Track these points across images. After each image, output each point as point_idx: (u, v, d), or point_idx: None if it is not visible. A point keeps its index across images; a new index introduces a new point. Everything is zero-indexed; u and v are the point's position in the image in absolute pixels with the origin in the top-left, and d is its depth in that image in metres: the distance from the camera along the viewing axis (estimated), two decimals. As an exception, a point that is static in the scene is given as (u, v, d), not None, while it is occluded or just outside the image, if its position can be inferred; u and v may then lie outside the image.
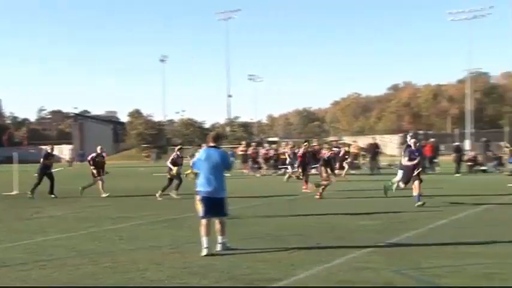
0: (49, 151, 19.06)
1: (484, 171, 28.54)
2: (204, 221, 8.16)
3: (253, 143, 37.68)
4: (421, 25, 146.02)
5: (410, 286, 6.34)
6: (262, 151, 33.49)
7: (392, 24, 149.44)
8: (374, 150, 31.07)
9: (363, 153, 33.91)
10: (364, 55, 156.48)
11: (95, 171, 18.35)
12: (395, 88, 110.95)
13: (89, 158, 18.83)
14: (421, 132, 52.71)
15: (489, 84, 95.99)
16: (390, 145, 56.80)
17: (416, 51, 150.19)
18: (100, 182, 18.24)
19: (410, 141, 14.85)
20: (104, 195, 17.67)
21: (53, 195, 17.84)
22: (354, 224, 10.89)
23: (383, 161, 34.39)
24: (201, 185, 8.25)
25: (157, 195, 16.81)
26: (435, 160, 30.51)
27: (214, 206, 8.17)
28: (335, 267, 7.15)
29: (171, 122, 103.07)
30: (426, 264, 7.17)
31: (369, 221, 11.24)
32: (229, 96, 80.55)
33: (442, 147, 30.85)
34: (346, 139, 52.89)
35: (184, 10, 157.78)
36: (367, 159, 32.27)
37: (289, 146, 32.16)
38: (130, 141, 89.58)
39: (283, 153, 30.33)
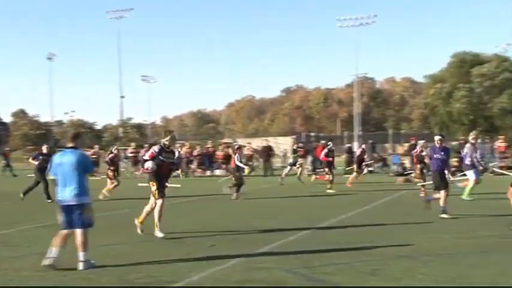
0: (44, 151, 17.74)
1: (370, 171, 29.93)
2: (63, 232, 7.33)
3: (146, 145, 36.96)
4: (312, 30, 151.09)
5: (301, 285, 6.49)
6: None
7: (286, 29, 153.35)
8: (267, 153, 31.62)
9: (256, 155, 34.41)
10: (258, 58, 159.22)
11: None
12: (288, 91, 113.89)
13: None
14: (312, 134, 54.31)
15: (374, 88, 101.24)
16: (283, 147, 58.12)
17: (309, 56, 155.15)
18: None
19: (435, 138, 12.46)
20: None
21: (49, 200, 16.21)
22: (249, 225, 10.98)
23: (276, 163, 35.15)
24: (59, 192, 7.38)
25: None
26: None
27: (74, 214, 7.27)
28: (229, 268, 7.16)
29: (59, 122, 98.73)
30: (317, 263, 7.36)
31: (263, 222, 11.38)
32: (122, 97, 78.50)
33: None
34: (241, 141, 53.42)
35: (75, 8, 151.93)
36: (261, 160, 32.79)
37: (185, 148, 31.97)
38: (14, 143, 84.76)
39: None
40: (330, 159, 19.20)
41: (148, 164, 9.68)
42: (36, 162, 17.15)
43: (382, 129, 75.78)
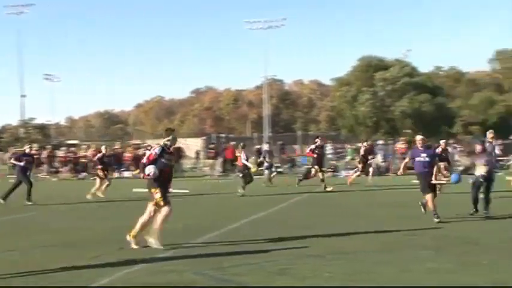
0: (27, 151, 17.28)
1: (280, 172, 30.42)
2: None
3: (49, 146, 35.52)
4: (222, 32, 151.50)
5: (210, 286, 6.47)
6: (59, 154, 31.87)
7: (195, 29, 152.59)
8: (178, 154, 31.32)
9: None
10: (167, 58, 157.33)
11: None
12: (197, 92, 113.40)
13: None
14: (223, 135, 54.43)
15: (283, 90, 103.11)
16: (193, 148, 57.83)
17: (218, 57, 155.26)
18: None
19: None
20: None
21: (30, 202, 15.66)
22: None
23: (187, 164, 34.92)
24: None
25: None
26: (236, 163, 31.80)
27: None
28: (137, 271, 7.02)
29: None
30: (227, 264, 7.36)
31: (172, 224, 11.24)
32: (23, 96, 74.93)
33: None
34: (150, 142, 52.54)
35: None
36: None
37: (91, 149, 31.03)
38: None
39: (84, 156, 29.12)
40: (315, 155, 19.33)
41: (150, 169, 8.50)
42: (22, 163, 16.43)
43: (291, 130, 77.24)
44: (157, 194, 8.61)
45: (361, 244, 8.69)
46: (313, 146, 19.73)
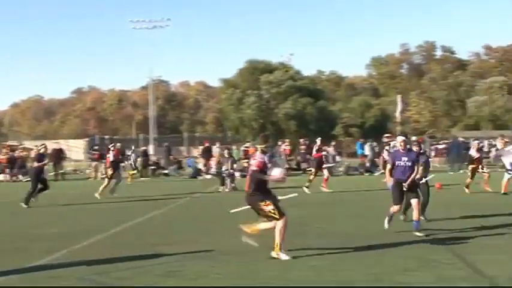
0: (42, 151, 16.36)
1: (166, 174, 30.07)
2: None
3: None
4: (105, 30, 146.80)
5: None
6: None
7: (77, 27, 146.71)
8: (58, 156, 29.94)
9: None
10: (46, 57, 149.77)
11: None
12: (79, 92, 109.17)
13: None
14: (106, 137, 52.87)
15: (169, 91, 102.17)
16: (75, 150, 55.62)
17: (101, 56, 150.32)
18: None
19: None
20: None
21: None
22: (36, 233, 10.25)
23: (68, 167, 33.45)
24: None
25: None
26: (122, 164, 31.17)
27: None
28: (15, 280, 6.60)
29: None
30: (112, 268, 7.14)
31: (54, 229, 10.72)
32: None
33: (127, 151, 31.51)
34: (28, 143, 49.76)
35: None
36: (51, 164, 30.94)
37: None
38: None
39: None
40: (322, 155, 18.77)
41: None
42: (43, 163, 16.06)
43: (178, 132, 76.76)
44: (269, 207, 7.64)
45: (250, 244, 8.77)
46: (316, 147, 19.20)
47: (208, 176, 27.27)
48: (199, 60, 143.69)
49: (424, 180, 10.97)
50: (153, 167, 30.76)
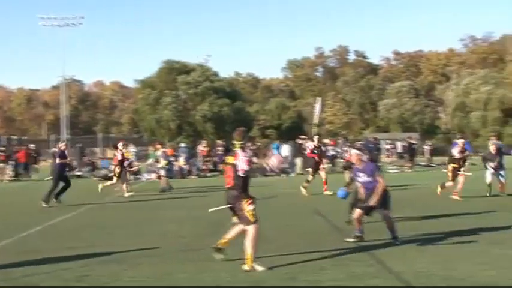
0: (63, 149, 16.04)
1: (79, 176, 29.13)
2: None
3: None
4: (12, 26, 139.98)
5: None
6: None
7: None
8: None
9: None
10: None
11: None
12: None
13: None
14: (14, 137, 50.49)
15: (83, 91, 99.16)
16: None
17: (9, 53, 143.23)
18: None
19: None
20: None
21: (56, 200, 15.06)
22: None
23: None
24: None
25: None
26: (35, 165, 30.27)
27: None
28: None
29: None
30: (19, 274, 6.84)
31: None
32: None
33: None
34: None
35: None
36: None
37: None
38: None
39: None
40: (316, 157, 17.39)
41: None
42: (66, 160, 16.15)
43: (92, 132, 74.59)
44: (250, 206, 7.07)
45: (163, 246, 8.65)
46: (311, 146, 17.66)
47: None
48: (115, 60, 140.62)
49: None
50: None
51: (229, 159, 7.38)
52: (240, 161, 7.17)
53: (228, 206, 7.35)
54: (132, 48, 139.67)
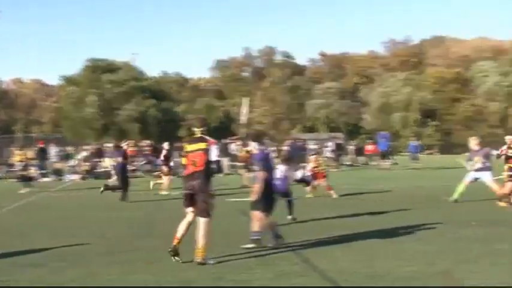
0: (125, 147, 17.11)
1: (-3, 177, 27.91)
2: None
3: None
4: None
5: None
6: None
7: None
8: None
9: None
10: None
11: None
12: None
13: None
14: None
15: (1, 89, 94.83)
16: None
17: None
18: None
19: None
20: None
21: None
22: None
23: None
24: None
25: None
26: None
27: None
28: None
29: None
30: None
31: None
32: None
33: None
34: None
35: None
36: None
37: None
38: None
39: None
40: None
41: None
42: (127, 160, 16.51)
43: (11, 132, 71.43)
44: (212, 200, 7.31)
45: (85, 247, 8.42)
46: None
47: (48, 178, 26.16)
48: (35, 57, 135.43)
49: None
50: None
51: (201, 145, 7.31)
52: (212, 147, 7.27)
53: (189, 192, 7.25)
54: (55, 45, 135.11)
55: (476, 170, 13.57)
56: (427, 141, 64.43)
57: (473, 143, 13.91)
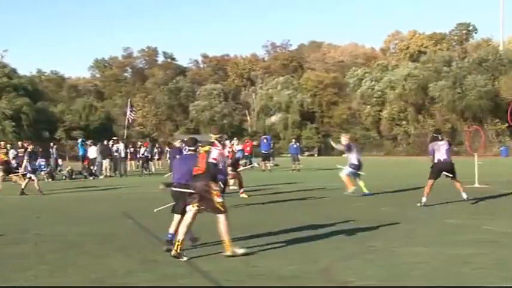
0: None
1: None
2: None
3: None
4: None
5: None
6: None
7: None
8: None
9: None
10: None
11: None
12: None
13: None
14: None
15: None
16: None
17: None
18: None
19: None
20: None
21: None
22: None
23: None
24: None
25: None
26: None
27: None
28: None
29: None
30: None
31: None
32: None
33: None
34: None
35: None
36: None
37: None
38: None
39: None
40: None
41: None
42: None
43: None
44: (220, 198, 7.60)
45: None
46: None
47: None
48: None
49: None
50: None
51: (205, 147, 7.86)
52: (214, 150, 7.74)
53: (194, 193, 7.61)
54: None
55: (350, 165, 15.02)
56: (307, 143, 66.87)
57: (343, 139, 15.83)
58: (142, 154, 31.50)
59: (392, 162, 41.72)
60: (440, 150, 12.95)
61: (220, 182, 8.43)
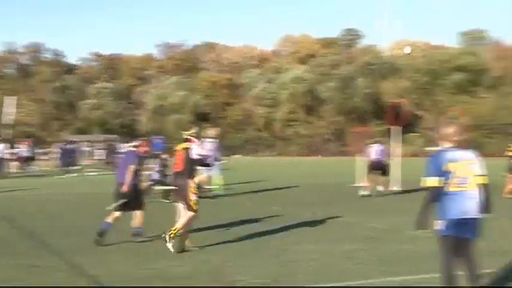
0: None
1: None
2: None
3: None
4: None
5: None
6: None
7: None
8: None
9: None
10: None
11: None
12: None
13: None
14: None
15: None
16: None
17: None
18: None
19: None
20: None
21: None
22: None
23: None
24: None
25: None
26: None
27: None
28: None
29: None
30: None
31: None
32: None
33: None
34: None
35: None
36: None
37: None
38: None
39: None
40: None
41: None
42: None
43: None
44: (195, 196, 7.80)
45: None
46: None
47: None
48: None
49: None
50: None
51: (183, 145, 7.97)
52: (194, 147, 7.89)
53: (173, 188, 8.10)
54: None
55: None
56: (200, 142, 66.44)
57: (210, 134, 15.18)
58: (22, 154, 30.30)
59: (285, 163, 42.64)
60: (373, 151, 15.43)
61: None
